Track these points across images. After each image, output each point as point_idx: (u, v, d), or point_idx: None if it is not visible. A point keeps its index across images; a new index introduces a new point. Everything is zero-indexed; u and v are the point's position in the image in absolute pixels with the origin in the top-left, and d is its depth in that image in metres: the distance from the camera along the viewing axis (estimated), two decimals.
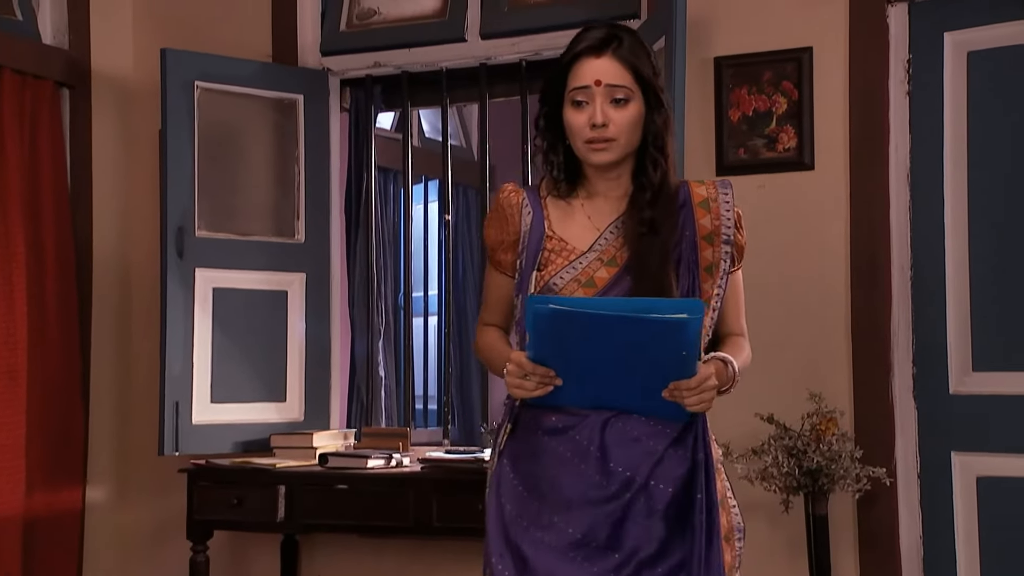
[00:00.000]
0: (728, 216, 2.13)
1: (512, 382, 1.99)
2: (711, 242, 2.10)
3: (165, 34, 4.19)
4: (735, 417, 3.43)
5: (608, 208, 2.14)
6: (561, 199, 2.15)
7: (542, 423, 2.05)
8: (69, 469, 4.08)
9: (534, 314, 1.90)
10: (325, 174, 4.13)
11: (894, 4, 3.41)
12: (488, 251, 2.20)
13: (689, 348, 1.91)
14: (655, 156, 2.10)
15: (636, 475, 2.00)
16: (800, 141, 3.49)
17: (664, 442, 2.01)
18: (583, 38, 2.10)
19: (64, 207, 4.10)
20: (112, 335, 4.26)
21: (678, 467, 2.01)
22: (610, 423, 2.02)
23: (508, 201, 2.17)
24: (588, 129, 2.07)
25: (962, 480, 3.33)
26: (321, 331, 4.09)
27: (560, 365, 1.96)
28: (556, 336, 1.91)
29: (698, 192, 2.13)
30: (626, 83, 2.06)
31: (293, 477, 3.67)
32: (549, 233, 2.12)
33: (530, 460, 2.05)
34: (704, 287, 2.09)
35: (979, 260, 3.34)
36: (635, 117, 2.08)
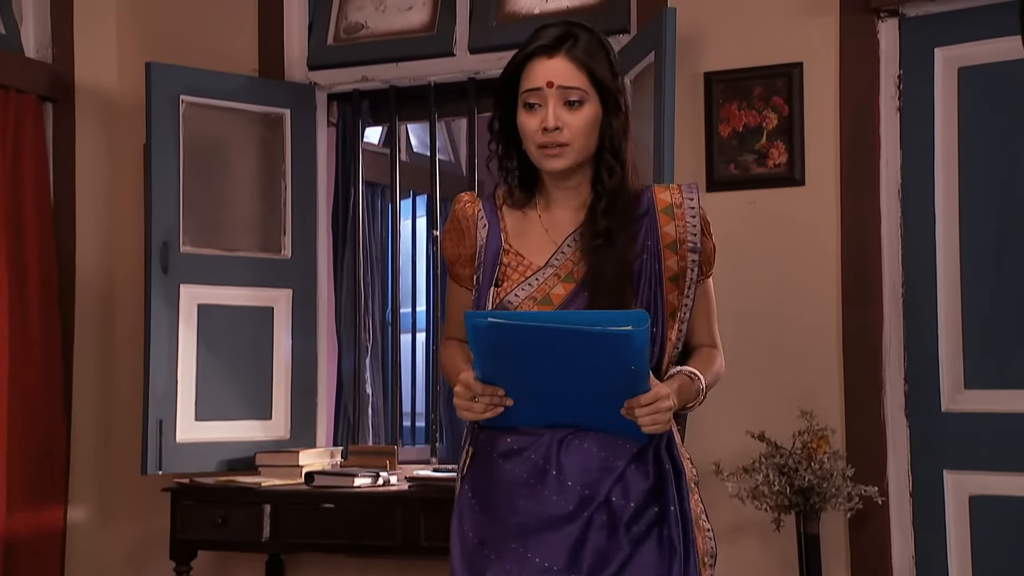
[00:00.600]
0: (694, 222, 2.02)
1: (460, 405, 1.90)
2: (676, 250, 1.99)
3: (150, 47, 4.17)
4: (726, 435, 3.43)
5: (566, 219, 2.04)
6: (518, 209, 2.06)
7: (497, 446, 1.96)
8: (50, 488, 4.04)
9: (472, 329, 1.80)
10: (312, 189, 4.11)
11: (884, 19, 3.41)
12: (448, 264, 2.11)
13: (638, 362, 1.81)
14: (611, 162, 2.00)
15: (595, 492, 1.91)
16: (791, 157, 3.49)
17: (624, 457, 1.92)
18: (536, 36, 2.00)
19: (47, 222, 4.07)
20: (95, 352, 4.23)
21: (641, 481, 1.92)
22: (566, 441, 1.93)
23: (464, 212, 2.08)
24: (540, 133, 1.96)
25: (955, 499, 3.31)
26: (307, 348, 4.07)
27: (508, 383, 1.88)
28: (499, 352, 1.83)
29: (662, 198, 2.03)
30: (580, 85, 1.96)
31: (278, 496, 3.65)
32: (506, 247, 2.03)
33: (489, 485, 1.97)
34: (669, 298, 1.99)
35: (971, 277, 3.32)
36: (590, 121, 1.97)
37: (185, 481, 3.78)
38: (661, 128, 3.27)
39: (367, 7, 4.14)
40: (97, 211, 4.25)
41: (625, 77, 2.06)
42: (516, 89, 1.99)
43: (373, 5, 4.14)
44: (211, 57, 4.09)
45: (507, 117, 2.02)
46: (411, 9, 4.07)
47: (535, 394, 1.88)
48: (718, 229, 3.48)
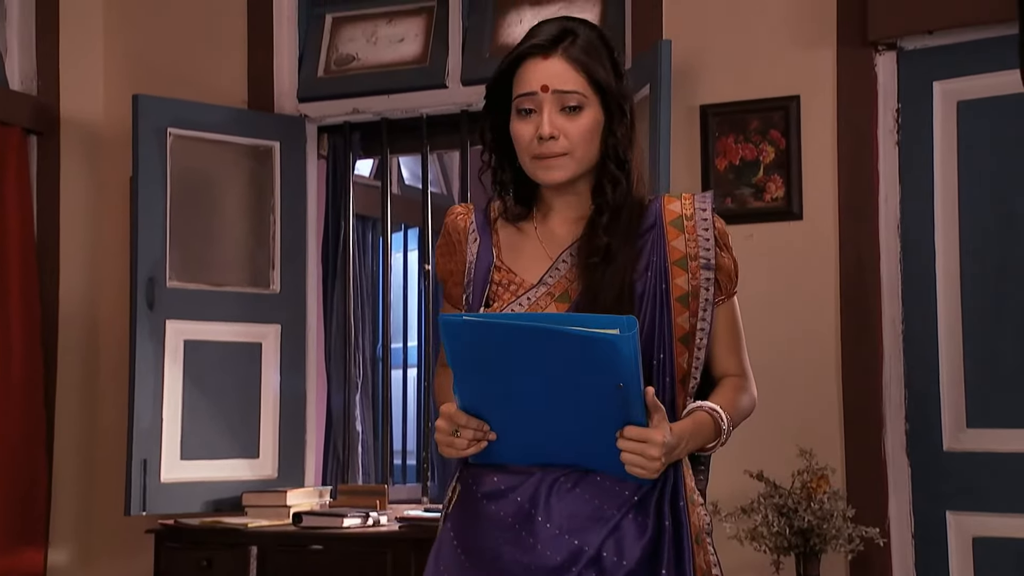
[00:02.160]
0: (707, 235, 1.81)
1: (442, 440, 1.71)
2: (685, 267, 1.79)
3: (137, 79, 4.15)
4: (723, 474, 3.35)
5: (564, 232, 1.85)
6: (513, 223, 1.88)
7: (482, 484, 1.77)
8: (30, 530, 3.97)
9: (446, 329, 1.63)
10: (301, 222, 4.08)
11: (882, 53, 3.39)
12: (441, 283, 1.93)
13: (627, 378, 1.60)
14: (614, 173, 1.80)
15: (586, 544, 1.70)
16: (788, 191, 3.46)
17: (622, 506, 1.72)
18: (531, 34, 1.81)
19: (30, 256, 4.03)
20: (78, 389, 4.18)
21: (638, 537, 1.71)
22: (557, 484, 1.73)
23: (455, 226, 1.91)
24: (535, 142, 1.77)
25: (957, 541, 3.27)
26: (296, 384, 4.02)
27: (490, 401, 1.69)
28: (476, 360, 1.65)
29: (671, 209, 1.83)
30: (579, 88, 1.77)
31: (266, 537, 3.60)
32: (497, 263, 1.84)
33: (471, 526, 1.78)
34: (678, 321, 1.78)
35: (972, 313, 3.29)
36: (590, 127, 1.78)
37: (170, 522, 3.73)
38: (656, 161, 3.25)
39: (358, 39, 4.12)
40: (82, 245, 4.21)
41: (627, 80, 1.85)
42: (509, 92, 1.81)
43: (364, 37, 4.12)
44: (199, 89, 4.07)
45: (499, 124, 1.84)
46: (403, 41, 4.06)
47: (519, 415, 1.69)
48: None
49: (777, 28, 3.50)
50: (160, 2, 4.25)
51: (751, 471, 3.19)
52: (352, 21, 4.16)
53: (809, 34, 3.45)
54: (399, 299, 4.99)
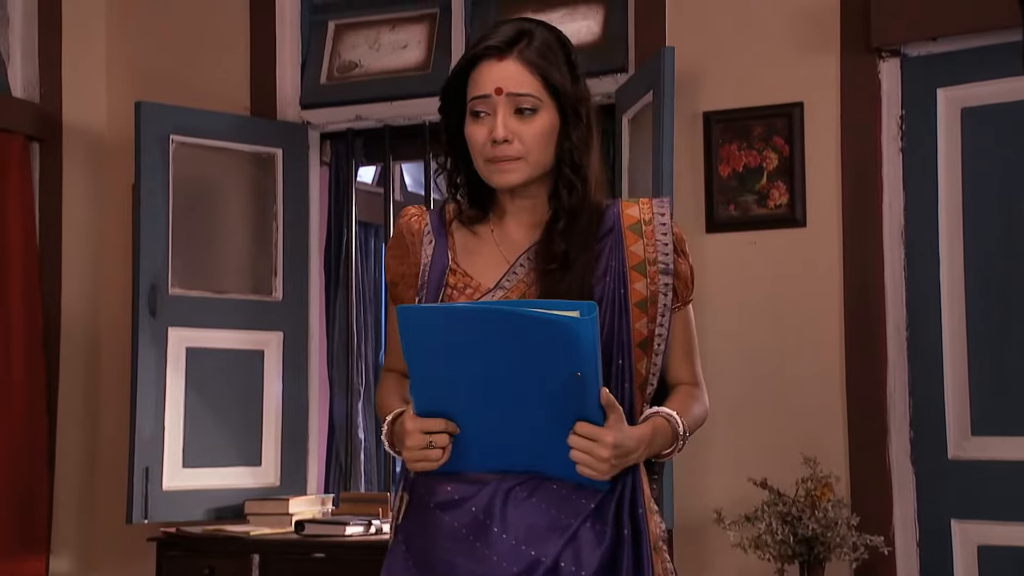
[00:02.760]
0: (665, 240, 1.81)
1: (417, 456, 1.66)
2: (644, 272, 1.78)
3: (140, 87, 4.14)
4: (727, 482, 3.39)
5: (521, 236, 1.82)
6: (468, 226, 1.85)
7: (436, 494, 1.73)
8: (32, 537, 3.94)
9: (403, 320, 1.60)
10: (304, 229, 4.07)
11: (886, 59, 3.38)
12: (389, 286, 1.88)
13: (584, 366, 1.57)
14: (570, 178, 1.77)
15: (543, 555, 1.67)
16: (792, 198, 3.45)
17: (579, 514, 1.69)
18: (487, 36, 1.78)
19: (32, 264, 4.01)
20: (80, 397, 4.16)
21: (596, 545, 1.68)
22: (513, 493, 1.69)
23: (409, 227, 1.86)
24: (489, 146, 1.75)
25: (963, 549, 3.25)
26: (298, 392, 4.01)
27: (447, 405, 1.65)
28: (432, 350, 1.61)
29: (629, 214, 1.81)
30: (533, 91, 1.74)
31: (268, 545, 3.58)
32: (452, 266, 1.81)
33: (424, 537, 1.74)
34: (637, 326, 1.76)
35: (977, 320, 3.28)
36: (545, 131, 1.76)
37: (171, 530, 3.72)
38: (660, 168, 3.24)
39: (361, 46, 4.12)
40: (84, 253, 4.20)
41: (584, 83, 1.82)
42: (464, 94, 1.78)
43: (367, 44, 4.11)
44: (202, 96, 4.06)
45: (455, 127, 1.81)
46: (406, 48, 4.05)
47: (476, 413, 1.65)
48: (718, 271, 3.51)
49: (780, 35, 3.49)
50: (162, 9, 4.24)
51: (755, 479, 3.18)
52: (355, 28, 4.15)
53: (812, 41, 3.44)
54: None
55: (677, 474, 3.27)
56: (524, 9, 3.91)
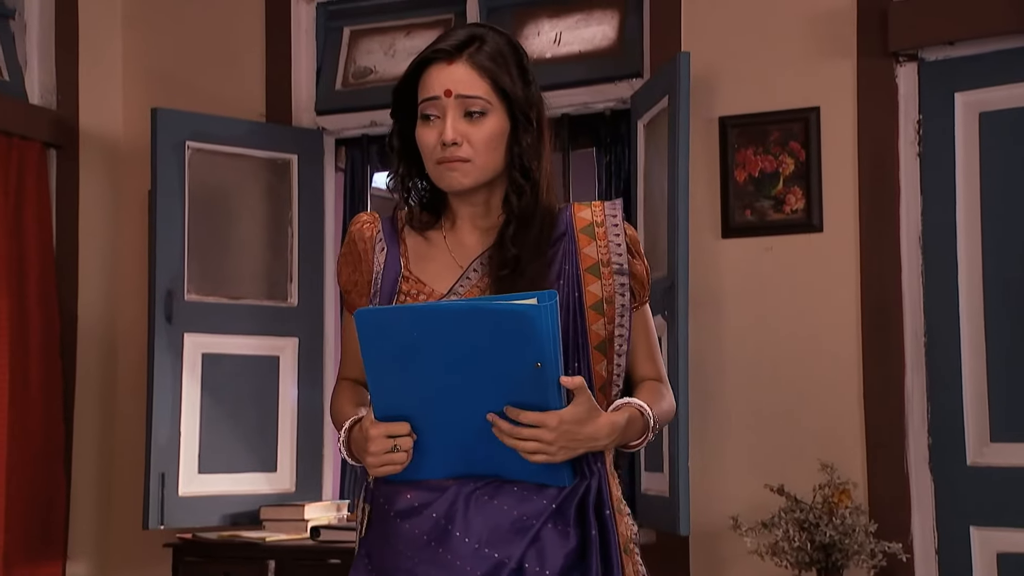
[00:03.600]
0: (618, 241, 1.80)
1: (380, 460, 1.64)
2: (598, 274, 1.77)
3: (156, 93, 4.15)
4: (744, 488, 3.37)
5: (474, 241, 1.82)
6: (421, 232, 1.84)
7: (395, 503, 1.71)
8: (49, 543, 3.95)
9: (361, 323, 1.59)
10: (319, 235, 4.07)
11: (903, 64, 3.36)
12: (343, 293, 1.88)
13: (545, 355, 1.56)
14: (519, 182, 1.78)
15: (507, 557, 1.66)
16: (808, 203, 3.43)
17: (540, 515, 1.68)
18: (438, 40, 1.79)
19: (49, 270, 4.03)
20: (97, 403, 4.17)
21: (560, 545, 1.67)
22: (474, 496, 1.69)
23: (361, 235, 1.85)
24: (439, 148, 1.75)
25: (982, 556, 3.23)
26: (314, 398, 4.00)
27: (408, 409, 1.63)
28: (392, 355, 1.60)
29: (581, 216, 1.82)
30: (482, 94, 1.75)
31: (283, 551, 3.58)
32: (405, 273, 1.80)
33: (384, 549, 1.72)
34: (593, 328, 1.75)
35: (995, 325, 3.25)
36: (494, 134, 1.76)
37: (188, 536, 3.72)
38: (676, 173, 3.23)
39: (376, 52, 4.12)
40: (100, 259, 4.21)
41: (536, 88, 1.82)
42: (415, 99, 1.79)
43: (382, 50, 4.12)
44: (217, 102, 4.07)
45: (406, 131, 1.82)
46: None
47: (437, 416, 1.63)
48: (734, 277, 3.50)
49: (797, 39, 3.47)
50: (178, 16, 4.25)
51: (772, 485, 3.17)
52: (370, 34, 4.16)
53: (829, 45, 3.43)
54: None
55: (694, 480, 3.26)
56: (539, 14, 3.91)
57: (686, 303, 3.23)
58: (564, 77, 3.74)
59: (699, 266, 3.43)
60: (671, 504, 3.18)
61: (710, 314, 3.47)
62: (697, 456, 3.34)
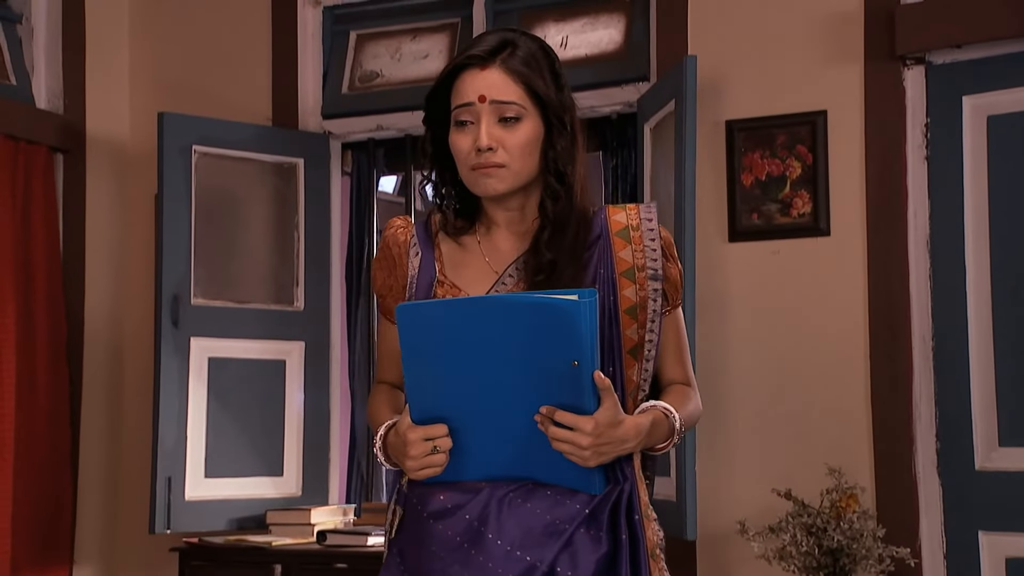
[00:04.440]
0: (653, 246, 1.80)
1: (419, 464, 1.66)
2: (632, 279, 1.78)
3: (162, 97, 4.15)
4: (751, 493, 3.36)
5: (509, 246, 1.82)
6: (455, 238, 1.84)
7: (428, 504, 1.72)
8: (56, 547, 3.95)
9: (401, 314, 1.60)
10: (325, 240, 4.07)
11: (911, 67, 3.35)
12: (378, 298, 1.89)
13: (582, 354, 1.57)
14: (554, 187, 1.78)
15: (539, 560, 1.66)
16: (815, 206, 3.42)
17: (574, 519, 1.68)
18: (470, 46, 1.79)
19: (56, 274, 4.03)
20: (103, 407, 4.17)
21: (592, 551, 1.68)
22: (507, 499, 1.69)
23: (395, 239, 1.86)
24: (474, 154, 1.75)
25: (990, 561, 3.21)
26: (320, 402, 4.00)
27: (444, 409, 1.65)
28: (431, 352, 1.61)
29: (616, 220, 1.82)
30: (516, 99, 1.75)
31: (290, 556, 3.57)
32: (440, 278, 1.80)
33: (418, 550, 1.73)
34: (627, 333, 1.76)
35: (1003, 329, 3.24)
36: (529, 139, 1.76)
37: (194, 540, 3.71)
38: (682, 177, 3.22)
39: (383, 56, 4.12)
40: (107, 263, 4.21)
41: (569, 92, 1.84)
42: (448, 105, 1.80)
43: (388, 53, 4.11)
44: (224, 106, 4.07)
45: (440, 137, 1.82)
46: (427, 57, 4.05)
47: (474, 416, 1.65)
48: (741, 281, 3.49)
49: (804, 42, 3.46)
50: (185, 20, 4.26)
51: (779, 490, 3.16)
52: (376, 38, 4.16)
53: (836, 48, 3.42)
54: None
55: (701, 485, 3.25)
56: (546, 18, 3.91)
57: (693, 307, 3.22)
58: (570, 81, 3.68)
59: (706, 270, 3.42)
60: (678, 508, 3.17)
61: (717, 318, 3.46)
62: (704, 460, 3.33)
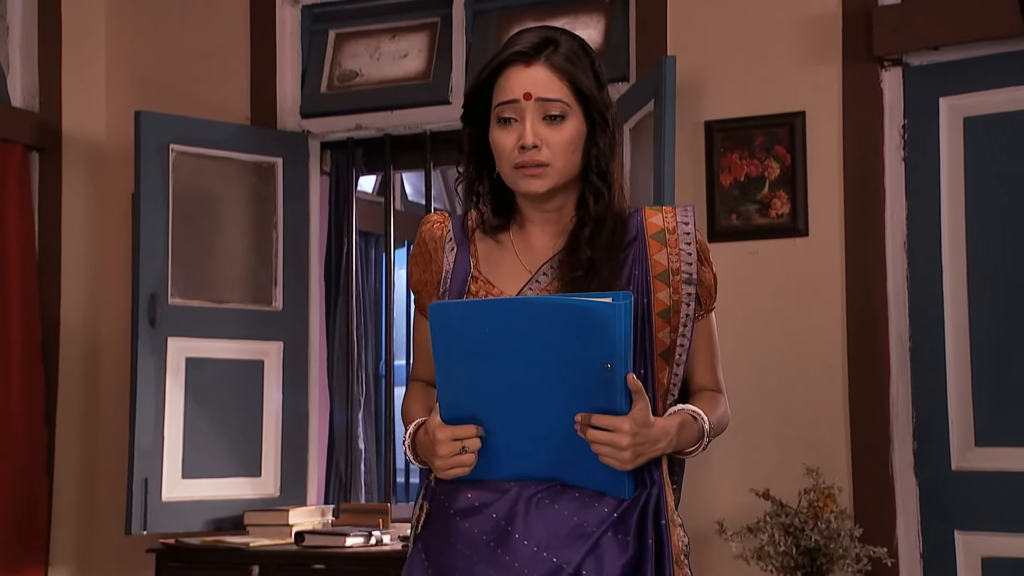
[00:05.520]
0: (689, 250, 1.79)
1: (449, 463, 1.66)
2: (667, 282, 1.76)
3: (139, 96, 4.13)
4: (729, 492, 3.37)
5: (543, 245, 1.81)
6: (491, 235, 1.84)
7: (456, 501, 1.72)
8: (30, 549, 3.92)
9: (434, 312, 1.61)
10: (304, 239, 4.06)
11: (888, 68, 3.37)
12: (413, 294, 1.88)
13: (616, 356, 1.56)
14: (597, 185, 1.77)
15: (565, 562, 1.66)
16: (793, 207, 3.43)
17: (602, 522, 1.68)
18: (513, 42, 1.77)
19: (31, 273, 4.00)
20: (79, 407, 4.14)
21: (619, 555, 1.67)
22: (535, 499, 1.69)
23: (431, 234, 1.85)
24: (517, 152, 1.74)
25: (966, 561, 3.23)
26: (298, 402, 3.99)
27: (475, 408, 1.65)
28: (464, 351, 1.61)
29: (652, 222, 1.80)
30: (562, 97, 1.74)
31: (267, 557, 3.57)
32: (475, 274, 1.80)
33: (443, 546, 1.73)
34: (659, 336, 1.75)
35: (980, 330, 3.26)
36: (573, 138, 1.75)
37: (171, 541, 3.71)
38: (661, 177, 3.23)
39: (362, 55, 4.11)
40: (83, 262, 4.18)
41: (607, 90, 1.81)
42: (488, 101, 1.78)
43: (368, 53, 4.10)
44: (202, 105, 4.05)
45: (477, 133, 1.81)
46: (406, 57, 4.04)
47: (504, 415, 1.64)
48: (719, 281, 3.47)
49: (782, 44, 3.47)
50: (162, 18, 4.23)
51: (757, 490, 3.16)
52: (355, 37, 4.14)
53: (814, 50, 3.43)
54: (402, 316, 4.96)
55: None
56: (525, 18, 3.90)
57: None
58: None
59: None
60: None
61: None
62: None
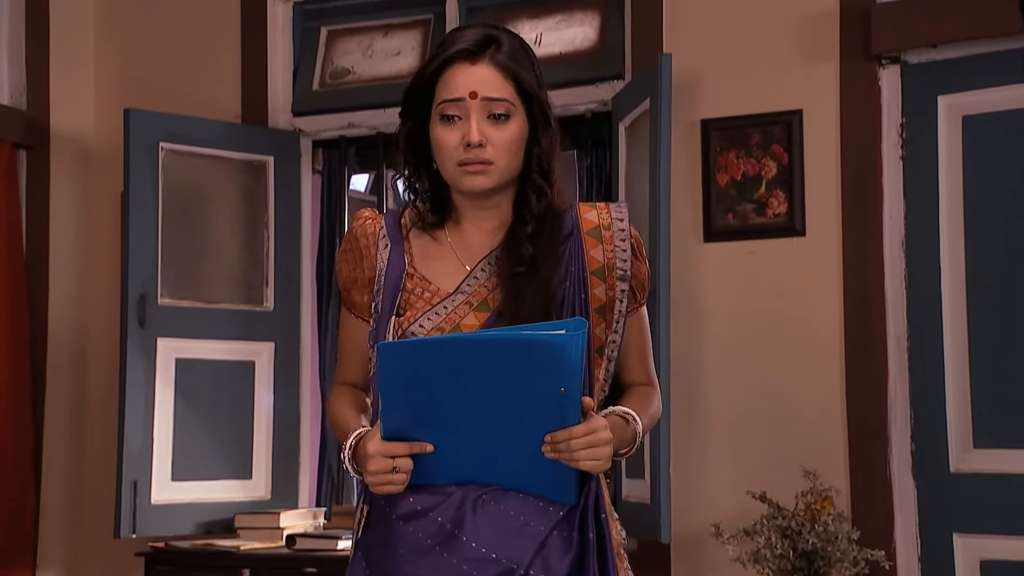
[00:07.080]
0: (624, 246, 1.80)
1: (380, 480, 1.63)
2: (603, 278, 1.78)
3: (129, 93, 4.11)
4: (725, 495, 3.35)
5: (479, 242, 1.81)
6: (427, 232, 1.83)
7: (398, 506, 1.69)
8: (18, 552, 3.89)
9: (382, 352, 1.59)
10: (296, 239, 4.03)
11: (886, 67, 3.35)
12: (341, 291, 1.87)
13: (569, 381, 1.57)
14: (539, 183, 1.78)
15: (514, 563, 1.65)
16: (791, 206, 3.42)
17: (549, 522, 1.68)
18: (455, 39, 1.77)
19: (19, 273, 3.97)
20: (67, 408, 4.12)
21: (564, 553, 1.68)
22: (481, 501, 1.68)
23: (363, 231, 1.84)
24: (461, 149, 1.74)
25: (965, 564, 3.22)
26: (290, 404, 3.97)
27: (420, 428, 1.63)
28: (411, 382, 1.60)
29: (587, 219, 1.81)
30: (507, 96, 1.75)
31: (258, 560, 3.56)
32: (410, 271, 1.80)
33: (385, 551, 1.70)
34: (596, 332, 1.76)
35: (978, 331, 3.25)
36: (517, 136, 1.76)
37: (160, 545, 3.69)
38: (657, 176, 3.22)
39: (354, 52, 4.09)
40: (72, 262, 4.16)
41: (545, 87, 1.82)
42: (429, 98, 1.77)
43: (360, 50, 4.08)
44: (192, 103, 4.03)
45: (416, 130, 1.80)
46: (399, 54, 4.02)
47: (450, 435, 1.63)
48: (716, 281, 3.48)
49: (779, 42, 3.46)
50: (152, 15, 4.21)
51: (754, 492, 3.15)
52: (347, 34, 4.12)
53: (812, 47, 3.41)
54: None
55: (675, 487, 3.24)
56: (520, 15, 3.88)
57: (667, 308, 3.20)
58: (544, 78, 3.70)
59: (681, 270, 3.41)
60: (652, 511, 3.16)
61: (692, 319, 3.45)
62: (679, 462, 3.32)
